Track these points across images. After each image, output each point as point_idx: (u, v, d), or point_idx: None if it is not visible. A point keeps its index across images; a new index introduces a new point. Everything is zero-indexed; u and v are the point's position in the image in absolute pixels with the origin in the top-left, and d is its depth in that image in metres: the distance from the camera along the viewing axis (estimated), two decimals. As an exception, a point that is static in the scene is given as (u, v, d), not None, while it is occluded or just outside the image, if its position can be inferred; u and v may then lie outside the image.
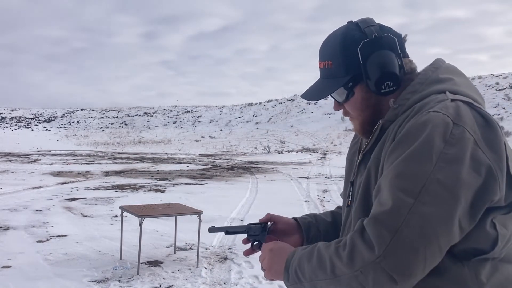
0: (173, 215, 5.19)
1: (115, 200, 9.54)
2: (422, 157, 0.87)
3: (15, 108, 62.57)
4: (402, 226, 0.83)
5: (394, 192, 0.87)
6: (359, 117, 1.11)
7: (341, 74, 1.08)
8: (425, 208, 0.84)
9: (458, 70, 1.07)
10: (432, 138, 0.87)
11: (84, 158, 25.00)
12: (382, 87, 1.04)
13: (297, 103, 50.94)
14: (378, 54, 1.04)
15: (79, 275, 4.54)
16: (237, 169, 18.52)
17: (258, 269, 4.78)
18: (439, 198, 0.84)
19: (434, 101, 0.95)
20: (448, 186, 0.85)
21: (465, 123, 0.89)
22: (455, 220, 0.85)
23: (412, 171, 0.87)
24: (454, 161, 0.86)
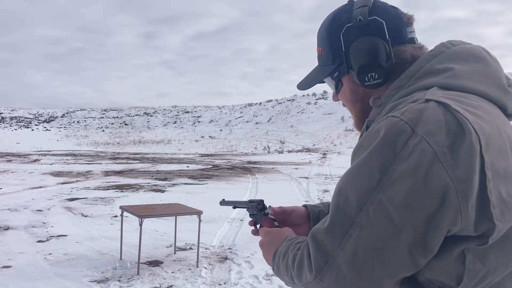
0: (173, 215, 5.19)
1: (115, 200, 9.54)
2: (365, 172, 0.73)
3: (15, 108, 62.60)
4: (336, 250, 0.73)
5: (333, 209, 0.76)
6: (352, 111, 1.00)
7: (328, 62, 0.98)
8: (363, 233, 0.71)
9: (474, 54, 0.85)
10: (380, 150, 0.72)
11: (84, 158, 25.00)
12: (365, 79, 0.91)
13: (297, 103, 50.94)
14: (361, 41, 0.90)
15: (79, 275, 4.54)
16: (237, 169, 18.51)
17: (258, 269, 4.79)
18: (380, 222, 0.70)
19: (407, 101, 0.79)
20: (392, 209, 0.70)
21: (426, 131, 0.71)
22: (398, 248, 0.70)
23: (353, 188, 0.74)
24: (403, 178, 0.69)
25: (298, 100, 51.88)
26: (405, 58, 0.90)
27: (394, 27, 0.90)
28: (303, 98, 52.22)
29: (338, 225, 0.74)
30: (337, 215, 0.75)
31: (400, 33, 0.91)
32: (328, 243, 0.75)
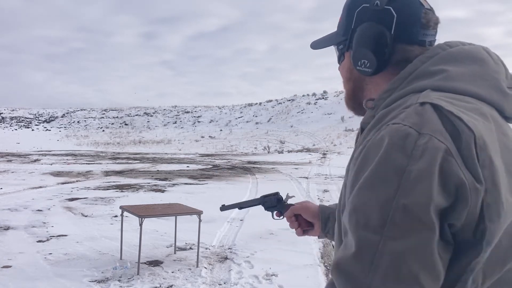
0: (173, 215, 5.20)
1: (115, 200, 9.54)
2: (380, 181, 0.69)
3: (15, 108, 62.61)
4: (371, 274, 0.67)
5: (355, 230, 0.70)
6: (344, 87, 1.00)
7: (340, 32, 0.97)
8: (395, 245, 0.67)
9: (471, 56, 0.83)
10: (389, 156, 0.69)
11: (84, 158, 25.01)
12: (358, 63, 0.91)
13: (297, 103, 50.94)
14: (367, 26, 0.89)
15: (79, 275, 4.54)
16: (237, 169, 18.52)
17: (258, 269, 4.79)
18: (410, 228, 0.67)
19: (399, 107, 0.77)
20: (419, 211, 0.67)
21: (433, 130, 0.70)
22: (434, 252, 0.67)
23: (371, 201, 0.69)
24: (422, 178, 0.67)
25: (298, 100, 51.88)
26: (408, 57, 0.87)
27: (406, 24, 0.87)
28: (303, 98, 52.23)
29: (364, 246, 0.69)
30: (359, 235, 0.70)
31: (410, 32, 0.88)
32: (357, 270, 0.68)
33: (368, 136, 0.78)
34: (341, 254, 0.73)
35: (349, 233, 0.72)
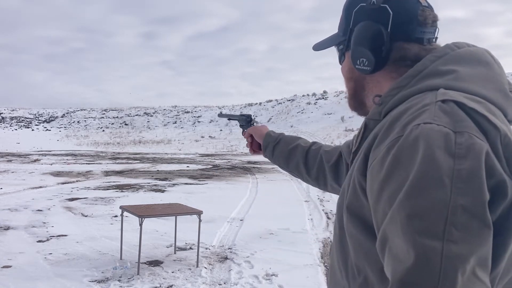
0: (173, 215, 5.20)
1: (115, 200, 9.54)
2: (430, 183, 0.66)
3: (16, 108, 62.60)
4: (440, 280, 0.63)
5: (413, 239, 0.65)
6: (346, 86, 1.01)
7: (340, 32, 0.99)
8: (458, 248, 0.64)
9: (477, 58, 0.84)
10: (433, 156, 0.67)
11: (84, 158, 25.01)
12: (357, 62, 0.92)
13: (297, 103, 50.94)
14: (364, 25, 0.90)
15: (79, 275, 4.54)
16: (237, 169, 18.52)
17: (258, 269, 4.79)
18: (470, 229, 0.65)
19: (418, 104, 0.76)
20: (478, 211, 0.65)
21: (468, 127, 0.69)
22: (491, 249, 0.67)
23: (426, 205, 0.66)
24: (472, 177, 0.66)
25: (298, 100, 51.88)
26: (406, 55, 0.88)
27: (402, 22, 0.88)
28: (303, 98, 52.22)
29: (428, 254, 0.64)
30: (419, 243, 0.65)
31: (407, 30, 0.88)
32: (427, 279, 0.64)
33: (386, 136, 0.77)
34: (399, 268, 0.67)
35: (401, 243, 0.67)
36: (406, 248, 0.66)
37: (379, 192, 0.74)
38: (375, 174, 0.75)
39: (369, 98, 0.96)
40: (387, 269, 0.71)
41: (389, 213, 0.70)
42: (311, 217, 7.73)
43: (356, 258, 0.85)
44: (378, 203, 0.74)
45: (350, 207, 0.85)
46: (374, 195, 0.76)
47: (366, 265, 0.83)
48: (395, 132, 0.75)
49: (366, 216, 0.81)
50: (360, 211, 0.83)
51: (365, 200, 0.81)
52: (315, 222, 7.35)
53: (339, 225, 0.92)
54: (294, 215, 7.84)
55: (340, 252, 0.91)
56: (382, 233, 0.72)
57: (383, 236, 0.72)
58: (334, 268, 0.96)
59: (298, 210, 8.43)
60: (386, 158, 0.73)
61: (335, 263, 0.94)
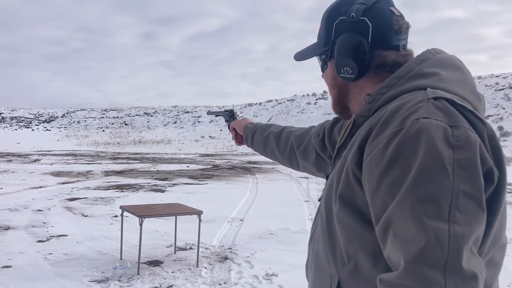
0: (173, 215, 5.20)
1: (115, 200, 9.54)
2: (435, 171, 0.73)
3: (16, 108, 62.63)
4: (449, 258, 0.70)
5: (423, 221, 0.72)
6: (330, 93, 1.09)
7: (321, 43, 1.06)
8: (461, 229, 0.71)
9: (454, 63, 0.94)
10: (435, 147, 0.74)
11: (85, 158, 25.01)
12: (341, 71, 1.00)
13: (297, 103, 50.94)
14: (346, 37, 0.98)
15: (79, 275, 4.54)
16: (237, 169, 18.52)
17: (258, 269, 4.79)
18: (470, 212, 0.73)
19: (411, 101, 0.83)
20: (478, 196, 0.74)
21: (462, 121, 0.78)
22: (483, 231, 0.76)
23: (432, 191, 0.73)
24: (471, 166, 0.74)
25: (298, 100, 51.90)
26: (385, 62, 0.96)
27: (380, 33, 0.96)
28: (303, 98, 52.23)
29: (440, 233, 0.71)
30: (432, 225, 0.71)
31: (385, 39, 0.96)
32: (438, 257, 0.70)
33: (384, 129, 0.83)
34: (409, 249, 0.73)
35: (410, 226, 0.73)
36: (417, 230, 0.72)
37: (379, 180, 0.80)
38: (375, 163, 0.81)
39: (352, 102, 1.04)
40: (393, 252, 0.76)
41: (395, 199, 0.76)
42: (311, 217, 7.72)
43: (347, 245, 0.90)
44: (378, 191, 0.80)
45: (342, 196, 0.91)
46: (373, 183, 0.81)
47: (360, 250, 0.88)
48: (394, 125, 0.81)
49: (358, 204, 0.87)
50: (353, 200, 0.89)
51: (359, 190, 0.87)
52: (315, 222, 7.35)
53: (327, 215, 0.97)
54: (294, 215, 7.83)
55: (328, 240, 0.96)
56: (386, 219, 0.78)
57: (386, 221, 0.77)
58: (320, 258, 1.01)
59: (298, 210, 8.43)
60: (387, 149, 0.79)
61: (321, 252, 1.00)
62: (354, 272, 0.89)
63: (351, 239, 0.89)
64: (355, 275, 0.89)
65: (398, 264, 0.74)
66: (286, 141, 1.48)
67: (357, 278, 0.89)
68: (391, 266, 0.78)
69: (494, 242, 0.84)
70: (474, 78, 1.00)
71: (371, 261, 0.86)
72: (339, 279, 0.92)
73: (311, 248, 1.09)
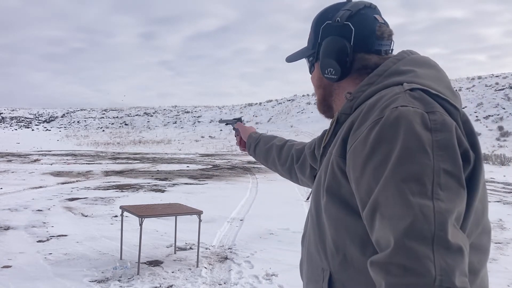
0: (173, 215, 5.20)
1: (115, 200, 9.54)
2: (416, 152, 0.78)
3: (16, 108, 62.60)
4: (436, 232, 0.72)
5: (408, 199, 0.75)
6: (316, 93, 1.16)
7: (310, 46, 1.13)
8: (444, 205, 0.75)
9: (428, 62, 0.99)
10: (414, 131, 0.79)
11: (84, 158, 25.00)
12: (325, 72, 1.07)
13: (297, 103, 50.94)
14: (330, 39, 1.05)
15: (79, 275, 4.54)
16: (237, 169, 18.53)
17: (258, 269, 4.79)
18: (452, 189, 0.77)
19: (389, 94, 0.88)
20: (456, 174, 0.78)
21: (437, 107, 0.83)
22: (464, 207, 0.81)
23: (415, 170, 0.76)
24: (449, 146, 0.79)
25: (298, 100, 51.89)
26: (367, 64, 1.02)
27: (363, 37, 1.03)
28: (303, 98, 52.22)
29: (423, 210, 0.74)
30: (415, 203, 0.74)
31: (367, 43, 1.03)
32: (426, 232, 0.72)
33: (365, 120, 0.88)
34: (398, 226, 0.74)
35: (397, 205, 0.76)
36: (404, 208, 0.75)
37: (363, 166, 0.84)
38: (358, 152, 0.86)
39: (336, 102, 1.11)
40: (381, 233, 0.78)
41: (380, 182, 0.80)
42: (311, 217, 7.73)
43: (336, 236, 0.93)
44: (362, 177, 0.84)
45: (329, 189, 0.95)
46: (357, 170, 0.86)
47: (348, 240, 0.91)
48: (374, 115, 0.86)
49: (344, 195, 0.92)
50: (339, 191, 0.93)
51: (344, 180, 0.92)
52: (315, 222, 7.35)
53: (316, 211, 1.01)
54: (294, 215, 7.83)
55: (318, 235, 1.00)
56: (372, 202, 0.81)
57: (373, 205, 0.80)
58: (311, 253, 1.03)
59: (298, 210, 8.43)
60: (368, 136, 0.84)
61: (313, 248, 1.02)
62: (344, 263, 0.92)
63: (339, 230, 0.92)
64: (345, 265, 0.92)
65: (388, 244, 0.76)
66: (287, 154, 1.51)
67: (347, 268, 0.91)
68: (378, 249, 0.79)
69: (476, 223, 0.87)
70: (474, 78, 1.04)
71: (359, 249, 0.89)
72: (331, 272, 0.95)
73: (304, 246, 1.11)
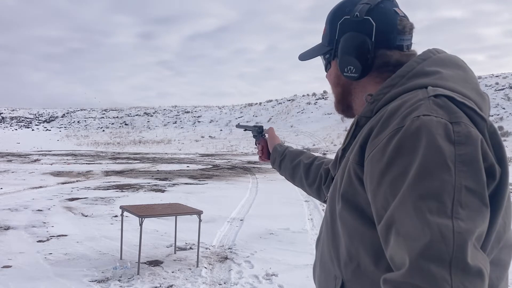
0: (173, 215, 5.20)
1: (115, 200, 9.54)
2: (437, 167, 0.72)
3: (16, 108, 62.58)
4: (454, 254, 0.68)
5: (426, 218, 0.70)
6: (333, 92, 1.09)
7: (325, 42, 1.07)
8: (465, 224, 0.70)
9: (455, 62, 0.93)
10: (436, 143, 0.74)
11: (85, 158, 25.00)
12: (344, 70, 1.00)
13: (297, 103, 50.92)
14: (350, 35, 0.98)
15: (79, 275, 4.54)
16: (237, 169, 18.52)
17: (258, 269, 4.79)
18: (473, 208, 0.71)
19: (412, 100, 0.83)
20: (478, 192, 0.72)
21: (463, 117, 0.77)
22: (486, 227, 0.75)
23: (434, 187, 0.72)
24: (472, 161, 0.73)
25: (298, 100, 51.87)
26: (389, 61, 0.97)
27: (384, 32, 0.96)
28: (303, 98, 52.21)
29: (442, 230, 0.69)
30: (436, 221, 0.70)
31: (389, 39, 0.97)
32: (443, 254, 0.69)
33: (385, 127, 0.83)
34: (413, 246, 0.71)
35: (413, 222, 0.72)
36: (421, 226, 0.70)
37: (380, 177, 0.79)
38: (375, 161, 0.81)
39: (355, 101, 1.04)
40: (396, 250, 0.74)
41: (397, 197, 0.75)
42: (311, 217, 7.73)
43: (349, 244, 0.90)
44: (379, 189, 0.79)
45: (345, 195, 0.91)
46: (374, 180, 0.81)
47: (361, 249, 0.87)
48: (395, 123, 0.81)
49: (360, 203, 0.87)
50: (355, 199, 0.89)
51: (360, 188, 0.87)
52: (315, 222, 7.35)
53: (331, 216, 0.97)
54: (294, 215, 7.83)
55: (332, 242, 0.96)
56: (388, 218, 0.76)
57: (388, 220, 0.76)
58: (325, 259, 1.00)
59: (298, 210, 8.43)
60: (388, 146, 0.79)
61: (326, 254, 0.99)
62: (356, 272, 0.89)
63: (353, 238, 0.89)
64: (358, 274, 0.89)
65: (402, 263, 0.72)
66: (316, 174, 1.42)
67: (360, 277, 0.88)
68: (393, 266, 0.76)
69: (498, 240, 0.82)
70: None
71: (372, 260, 0.86)
72: (343, 280, 0.92)
73: (318, 250, 1.08)
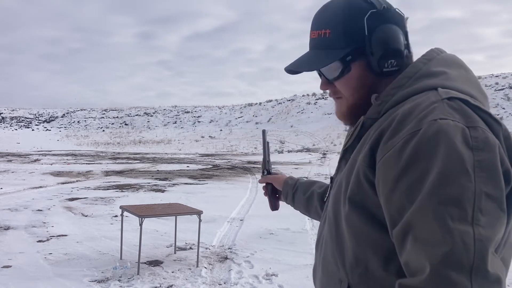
0: (173, 215, 5.20)
1: (115, 200, 9.54)
2: (457, 173, 0.72)
3: (16, 108, 62.57)
4: (475, 261, 0.68)
5: (447, 224, 0.70)
6: (350, 98, 0.98)
7: (340, 45, 0.94)
8: (485, 231, 0.70)
9: (457, 62, 0.93)
10: (456, 149, 0.73)
11: (85, 158, 25.00)
12: (385, 65, 0.92)
13: (297, 103, 50.93)
14: (386, 27, 0.92)
15: (79, 275, 4.54)
16: (237, 169, 18.52)
17: (258, 269, 4.79)
18: (492, 214, 0.71)
19: (425, 102, 0.81)
20: (497, 198, 0.72)
21: (479, 122, 0.76)
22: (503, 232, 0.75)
23: (455, 193, 0.71)
24: (491, 167, 0.73)
25: (298, 100, 51.86)
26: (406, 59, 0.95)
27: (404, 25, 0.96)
28: (303, 98, 52.20)
29: (463, 237, 0.69)
30: (457, 227, 0.69)
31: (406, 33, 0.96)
32: (464, 261, 0.68)
33: (398, 130, 0.80)
34: (434, 252, 0.70)
35: (434, 229, 0.71)
36: (442, 233, 0.70)
37: (395, 181, 0.77)
38: (390, 165, 0.79)
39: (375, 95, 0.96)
40: (413, 256, 0.73)
41: (415, 203, 0.74)
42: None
43: (357, 248, 0.88)
44: (393, 193, 0.77)
45: (353, 199, 0.88)
46: (388, 184, 0.79)
47: (370, 253, 0.85)
48: (410, 126, 0.78)
49: (370, 207, 0.85)
50: (364, 202, 0.86)
51: (370, 192, 0.84)
52: (315, 222, 7.35)
53: (335, 218, 0.95)
54: (294, 215, 7.79)
55: (336, 244, 0.94)
56: (405, 223, 0.75)
57: (405, 225, 0.75)
58: (327, 262, 0.98)
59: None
60: (403, 150, 0.77)
61: (329, 257, 0.97)
62: (364, 276, 0.87)
63: (361, 242, 0.87)
64: (365, 279, 0.87)
65: (420, 269, 0.71)
66: None
67: (367, 281, 0.87)
68: (407, 271, 0.75)
69: (504, 241, 0.82)
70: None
71: (382, 264, 0.84)
72: (349, 283, 0.90)
73: (318, 252, 1.05)
